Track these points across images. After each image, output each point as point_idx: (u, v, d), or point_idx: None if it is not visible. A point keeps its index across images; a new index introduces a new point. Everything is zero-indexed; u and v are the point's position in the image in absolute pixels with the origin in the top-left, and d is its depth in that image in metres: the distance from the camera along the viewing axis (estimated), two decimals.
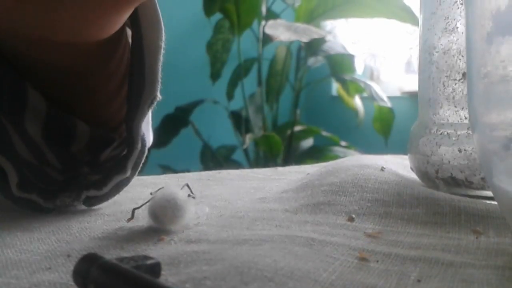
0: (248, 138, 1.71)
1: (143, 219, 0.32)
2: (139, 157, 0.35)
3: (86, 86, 0.36)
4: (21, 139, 0.35)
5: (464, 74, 0.36)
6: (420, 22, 0.40)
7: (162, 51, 0.34)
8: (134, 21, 0.34)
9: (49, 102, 0.36)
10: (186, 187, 0.31)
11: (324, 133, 1.91)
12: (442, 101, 0.38)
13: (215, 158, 1.88)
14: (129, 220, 0.32)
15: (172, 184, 0.47)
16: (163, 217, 0.30)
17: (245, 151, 1.88)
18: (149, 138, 0.36)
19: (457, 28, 0.37)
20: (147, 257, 0.22)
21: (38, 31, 0.30)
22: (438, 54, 0.38)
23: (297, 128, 1.93)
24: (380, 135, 1.89)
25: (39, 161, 0.35)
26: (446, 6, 0.37)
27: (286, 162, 1.79)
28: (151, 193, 0.30)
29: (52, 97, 0.36)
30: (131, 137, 0.34)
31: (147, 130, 0.36)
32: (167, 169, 1.72)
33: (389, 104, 1.85)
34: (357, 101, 1.94)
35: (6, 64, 0.34)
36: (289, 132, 1.90)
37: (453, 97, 0.37)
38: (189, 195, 0.31)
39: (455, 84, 0.37)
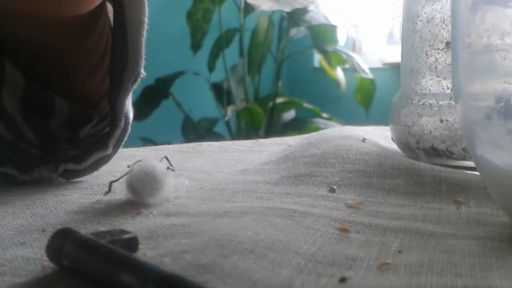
0: (230, 110, 1.69)
1: (121, 192, 0.31)
2: (122, 135, 0.34)
3: (65, 61, 0.35)
4: None
5: (447, 44, 0.36)
6: None
7: (146, 26, 0.33)
8: None
9: (28, 77, 0.34)
10: (165, 160, 0.31)
11: (306, 105, 1.90)
12: (424, 70, 0.38)
13: (196, 131, 1.87)
14: (106, 193, 0.31)
15: (151, 156, 0.46)
16: (141, 190, 0.29)
17: (227, 123, 1.87)
18: (130, 114, 0.36)
19: None
20: (123, 231, 0.22)
21: (15, 4, 0.29)
22: (421, 23, 0.37)
23: (279, 100, 1.92)
24: (361, 107, 1.89)
25: (15, 137, 0.34)
26: None
27: (268, 134, 1.78)
28: (128, 166, 0.30)
29: (30, 72, 0.35)
30: (114, 114, 0.33)
31: (129, 106, 0.36)
32: (147, 141, 1.70)
33: (370, 76, 1.85)
34: (339, 73, 1.93)
35: None
36: (271, 104, 1.89)
37: (436, 67, 0.37)
38: (168, 168, 0.30)
39: (438, 54, 0.36)
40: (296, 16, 1.78)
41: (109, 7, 0.35)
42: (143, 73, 0.34)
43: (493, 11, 0.27)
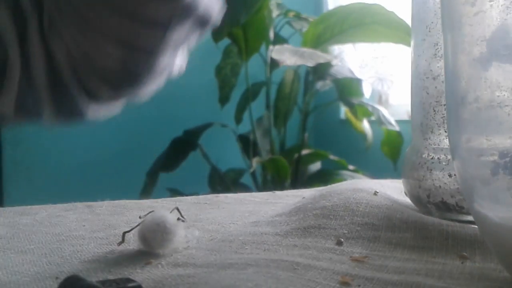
0: (255, 161, 1.71)
1: (134, 243, 0.32)
2: None
3: None
4: None
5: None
6: (412, 48, 0.41)
7: None
8: None
9: None
10: (176, 211, 0.32)
11: (332, 157, 1.90)
12: (433, 126, 0.38)
13: (223, 182, 1.89)
14: (119, 243, 0.32)
15: (167, 207, 0.48)
16: (152, 240, 0.30)
17: (253, 175, 1.88)
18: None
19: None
20: (129, 280, 0.23)
21: None
22: (428, 79, 0.38)
23: (305, 151, 1.92)
24: (388, 159, 1.88)
25: None
26: (435, 33, 0.38)
27: (294, 185, 1.78)
28: (140, 217, 0.31)
29: None
30: None
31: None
32: (175, 192, 1.73)
33: (397, 128, 1.84)
34: (365, 125, 1.94)
35: None
36: (296, 155, 1.90)
37: (443, 122, 0.37)
38: (178, 219, 0.31)
39: (445, 110, 0.37)
40: (321, 70, 1.82)
41: None
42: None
43: (497, 67, 0.28)
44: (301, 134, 1.98)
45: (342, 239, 0.33)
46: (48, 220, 0.42)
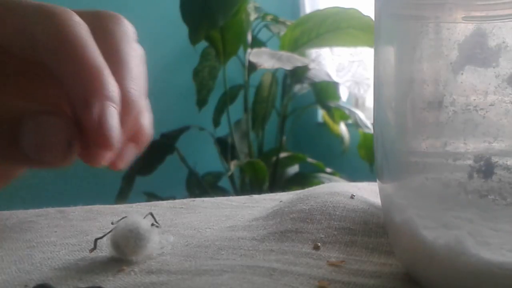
0: (233, 164, 1.70)
1: (106, 249, 0.32)
2: None
3: None
4: None
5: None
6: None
7: None
8: None
9: None
10: (149, 216, 0.31)
11: (310, 160, 1.91)
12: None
13: (201, 185, 1.87)
14: (91, 250, 0.31)
15: (141, 212, 0.47)
16: (125, 247, 0.29)
17: (231, 178, 1.87)
18: None
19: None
20: None
21: None
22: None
23: (283, 154, 1.93)
24: (365, 162, 1.89)
25: None
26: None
27: (272, 188, 1.78)
28: (112, 223, 0.30)
29: None
30: None
31: None
32: (152, 196, 1.71)
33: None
34: (342, 128, 1.96)
35: None
36: (274, 158, 1.90)
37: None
38: (152, 224, 0.31)
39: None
40: (298, 73, 1.82)
41: None
42: None
43: (472, 71, 0.28)
44: (279, 137, 1.98)
45: (319, 244, 0.32)
46: (18, 225, 0.41)
